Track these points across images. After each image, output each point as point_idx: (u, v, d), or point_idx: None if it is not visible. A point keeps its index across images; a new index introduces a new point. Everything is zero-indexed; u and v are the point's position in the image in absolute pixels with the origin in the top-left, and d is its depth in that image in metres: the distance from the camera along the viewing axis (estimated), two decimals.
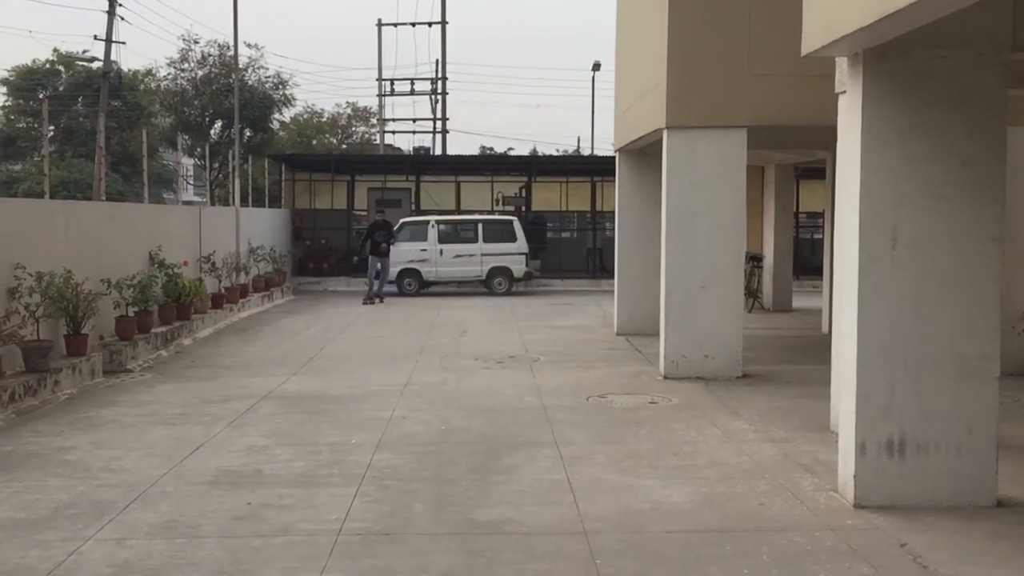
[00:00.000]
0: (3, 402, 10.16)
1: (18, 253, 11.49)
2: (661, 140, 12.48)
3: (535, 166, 31.94)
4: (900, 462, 6.88)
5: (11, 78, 44.82)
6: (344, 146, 52.93)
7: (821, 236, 22.79)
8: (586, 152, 59.33)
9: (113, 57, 38.15)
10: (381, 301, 23.12)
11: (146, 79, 44.23)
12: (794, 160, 20.25)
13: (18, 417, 10.10)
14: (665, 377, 12.23)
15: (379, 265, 23.68)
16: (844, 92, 7.54)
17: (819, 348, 13.68)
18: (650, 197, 15.55)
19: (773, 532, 6.39)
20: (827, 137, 10.07)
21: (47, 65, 46.00)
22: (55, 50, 46.70)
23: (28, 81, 44.93)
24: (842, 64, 7.75)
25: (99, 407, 10.69)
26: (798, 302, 21.54)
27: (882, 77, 6.79)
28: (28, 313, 11.25)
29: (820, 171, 19.61)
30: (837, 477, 7.30)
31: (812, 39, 6.92)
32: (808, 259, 27.06)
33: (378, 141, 49.86)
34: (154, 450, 8.65)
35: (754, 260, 20.62)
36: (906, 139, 6.79)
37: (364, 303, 22.80)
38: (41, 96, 42.24)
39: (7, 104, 45.14)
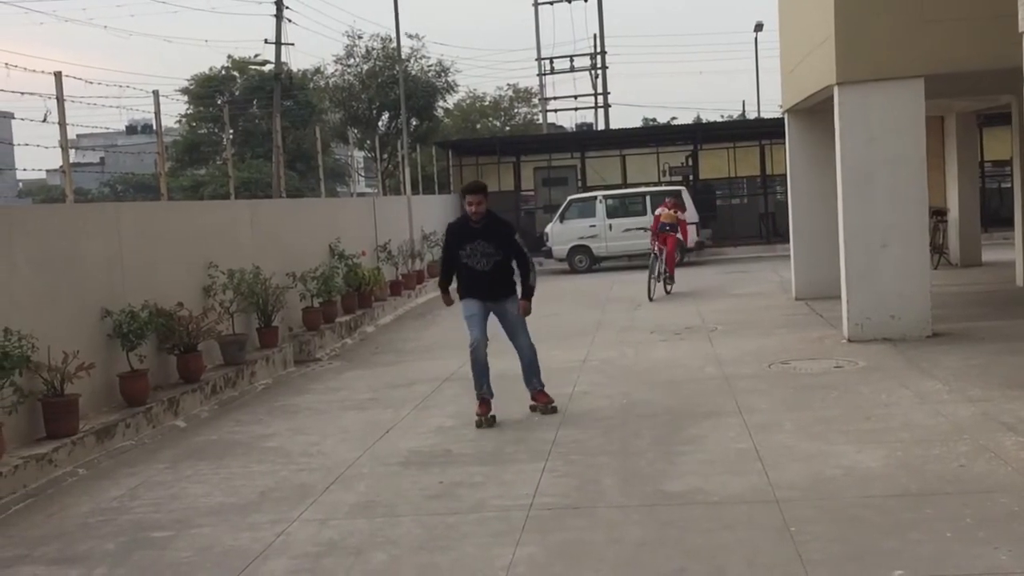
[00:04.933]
0: (206, 394, 10.76)
1: (211, 253, 12.11)
2: (832, 97, 12.09)
3: (700, 134, 31.47)
4: None
5: (191, 87, 47.04)
6: (507, 128, 53.45)
7: (1010, 185, 21.66)
8: (752, 116, 58.03)
9: (283, 59, 39.62)
10: (487, 422, 8.97)
11: (315, 77, 45.70)
12: (976, 107, 19.27)
13: (220, 408, 10.67)
14: (849, 340, 11.89)
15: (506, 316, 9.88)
16: None
17: (1015, 302, 13.06)
18: (823, 157, 15.11)
19: (976, 494, 6.13)
20: (1011, 80, 9.57)
21: (223, 72, 48.06)
22: (229, 56, 48.84)
23: (206, 88, 47.04)
24: None
25: (293, 395, 11.18)
26: (988, 255, 20.54)
27: None
28: (223, 309, 11.83)
29: (1005, 116, 18.62)
30: None
31: None
32: (996, 210, 25.75)
33: (540, 121, 50.14)
34: (348, 434, 9.00)
35: (938, 215, 19.78)
36: None
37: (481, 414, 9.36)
38: (219, 102, 44.15)
39: (188, 112, 47.38)
